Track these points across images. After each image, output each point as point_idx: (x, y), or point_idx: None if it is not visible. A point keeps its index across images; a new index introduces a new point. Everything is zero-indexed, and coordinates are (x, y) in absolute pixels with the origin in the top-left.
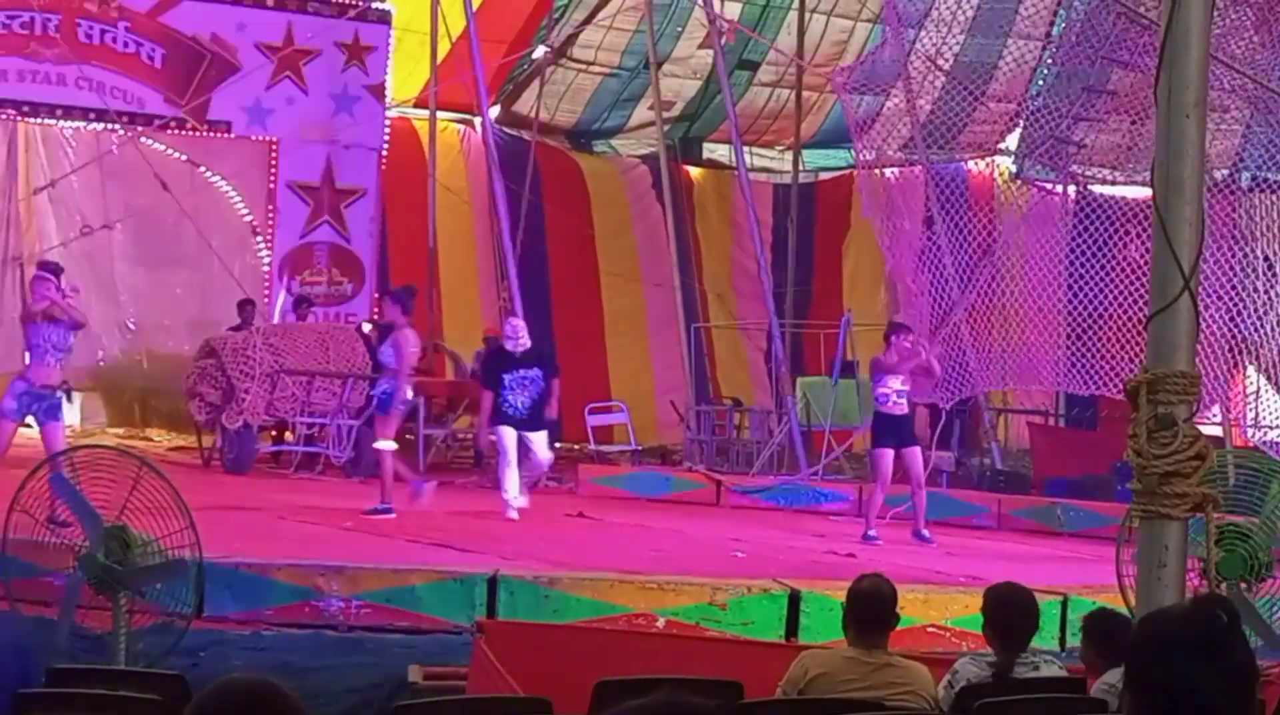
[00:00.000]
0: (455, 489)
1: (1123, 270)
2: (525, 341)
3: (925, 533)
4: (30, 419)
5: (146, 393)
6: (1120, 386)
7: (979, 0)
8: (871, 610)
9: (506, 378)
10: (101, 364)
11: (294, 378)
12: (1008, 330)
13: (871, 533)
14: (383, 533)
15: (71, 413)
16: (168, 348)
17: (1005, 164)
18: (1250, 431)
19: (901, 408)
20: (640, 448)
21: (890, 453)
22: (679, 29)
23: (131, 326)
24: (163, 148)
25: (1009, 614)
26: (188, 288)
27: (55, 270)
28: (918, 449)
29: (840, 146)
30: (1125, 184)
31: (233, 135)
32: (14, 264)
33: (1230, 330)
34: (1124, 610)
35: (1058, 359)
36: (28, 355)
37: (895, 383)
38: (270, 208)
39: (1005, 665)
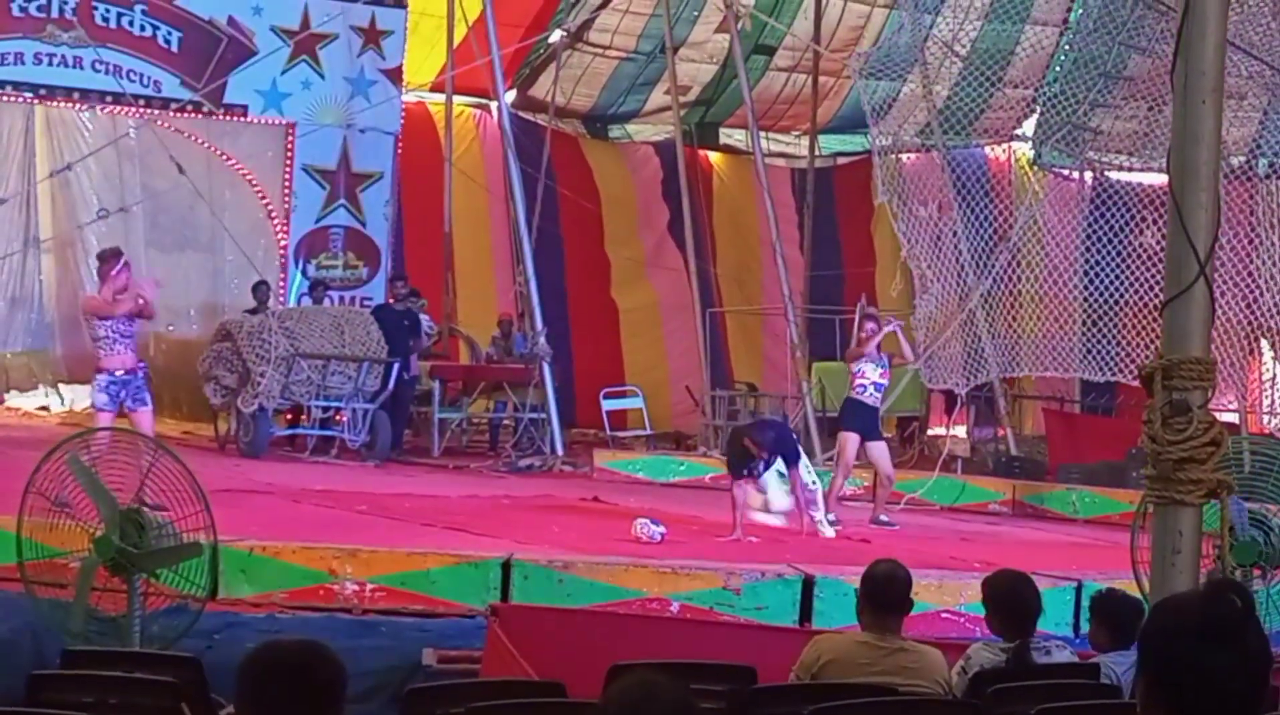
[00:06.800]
0: (470, 473)
1: (1139, 256)
2: None
3: (884, 518)
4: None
5: (156, 378)
6: (1136, 373)
7: None
8: (885, 595)
9: None
10: None
11: (309, 361)
12: (1024, 316)
13: (831, 516)
14: (398, 516)
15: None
16: (179, 333)
17: (1023, 150)
18: (1266, 418)
19: (875, 400)
20: (655, 433)
21: (856, 438)
22: (695, 13)
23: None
24: (179, 131)
25: (1017, 599)
26: (201, 271)
27: (119, 255)
28: (884, 444)
29: (857, 131)
30: (1142, 170)
31: (249, 119)
32: (33, 246)
33: (1246, 316)
34: (1133, 592)
35: (1074, 345)
36: (98, 349)
37: (873, 374)
38: (286, 191)
39: (1024, 649)
